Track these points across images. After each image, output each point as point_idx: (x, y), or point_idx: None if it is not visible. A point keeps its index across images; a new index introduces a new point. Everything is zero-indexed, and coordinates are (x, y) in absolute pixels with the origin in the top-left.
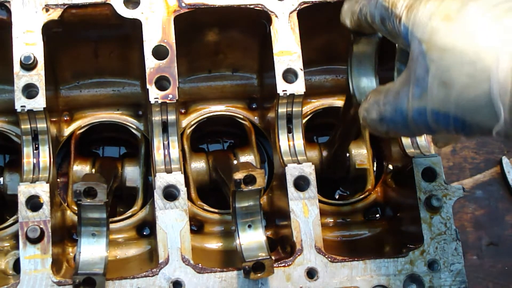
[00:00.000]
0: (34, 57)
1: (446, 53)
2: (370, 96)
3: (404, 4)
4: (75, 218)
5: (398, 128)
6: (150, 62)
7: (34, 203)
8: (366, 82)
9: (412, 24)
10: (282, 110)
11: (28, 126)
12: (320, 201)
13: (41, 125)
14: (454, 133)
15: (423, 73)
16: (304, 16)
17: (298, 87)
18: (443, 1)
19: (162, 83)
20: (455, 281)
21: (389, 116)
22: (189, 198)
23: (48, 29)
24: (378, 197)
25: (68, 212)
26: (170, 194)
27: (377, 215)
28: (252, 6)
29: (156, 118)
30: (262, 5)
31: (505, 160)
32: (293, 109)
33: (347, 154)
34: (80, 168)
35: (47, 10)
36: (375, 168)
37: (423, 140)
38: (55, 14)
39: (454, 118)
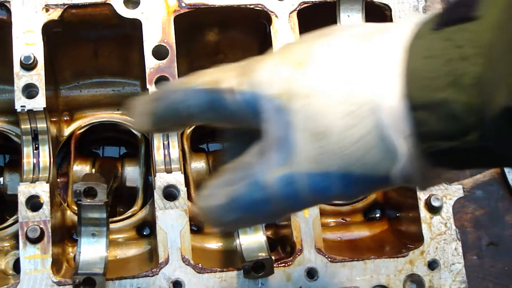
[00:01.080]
0: (34, 57)
1: (312, 97)
2: (210, 182)
3: (233, 74)
4: (75, 218)
5: (257, 209)
6: (150, 62)
7: (34, 203)
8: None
9: (254, 85)
10: None
11: (28, 126)
12: None
13: (41, 125)
14: (336, 199)
15: (284, 132)
16: (304, 16)
17: None
18: (282, 53)
19: (162, 83)
20: (455, 281)
21: (243, 195)
22: (189, 198)
23: (48, 29)
24: (378, 197)
25: (68, 212)
26: (170, 194)
27: (377, 215)
28: (252, 6)
29: None
30: (262, 5)
31: None
32: None
33: None
34: (80, 168)
35: (47, 10)
36: None
37: None
38: (55, 14)
39: (337, 176)
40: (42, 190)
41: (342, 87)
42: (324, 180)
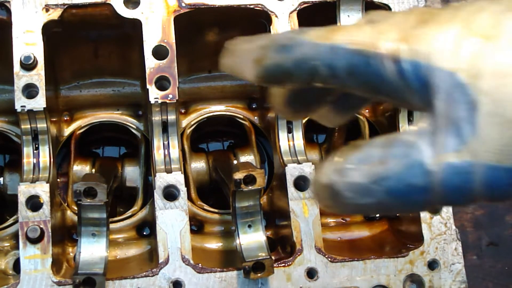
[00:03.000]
0: (34, 57)
1: (507, 78)
2: (346, 153)
3: (393, 37)
4: (75, 218)
5: (407, 196)
6: (150, 62)
7: (34, 203)
8: (353, 20)
9: (428, 55)
10: None
11: (28, 126)
12: None
13: (41, 125)
14: (507, 199)
15: (465, 113)
16: (304, 16)
17: None
18: (462, 22)
19: (162, 83)
20: (455, 281)
21: (395, 177)
22: (189, 198)
23: (48, 29)
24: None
25: (68, 212)
26: (170, 194)
27: (377, 215)
28: (252, 6)
29: (156, 118)
30: (262, 5)
31: None
32: None
33: None
34: (80, 168)
35: (47, 10)
36: None
37: None
38: (55, 14)
39: None
40: (42, 190)
41: None
42: (508, 176)
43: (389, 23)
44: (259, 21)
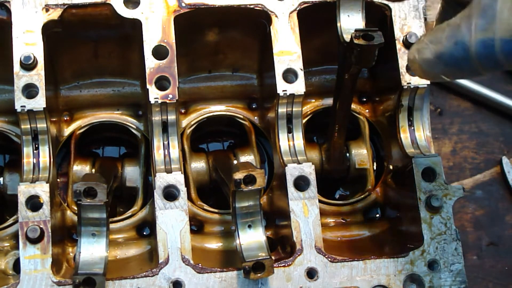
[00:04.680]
0: (34, 57)
1: None
2: (423, 36)
3: None
4: (75, 218)
5: (457, 66)
6: (150, 62)
7: (34, 203)
8: (353, 20)
9: None
10: (282, 110)
11: (28, 126)
12: (320, 201)
13: (41, 125)
14: None
15: (490, 1)
16: (304, 16)
17: (298, 87)
18: None
19: (162, 83)
20: (455, 281)
21: (447, 52)
22: (189, 198)
23: (48, 29)
24: (378, 197)
25: (68, 212)
26: (170, 194)
27: (377, 215)
28: (252, 6)
29: (156, 118)
30: (262, 5)
31: (505, 160)
32: (293, 109)
33: (347, 154)
34: (80, 168)
35: (47, 10)
36: (375, 168)
37: (423, 140)
38: (55, 14)
39: None
40: (42, 190)
41: None
42: None
43: None
44: (259, 21)
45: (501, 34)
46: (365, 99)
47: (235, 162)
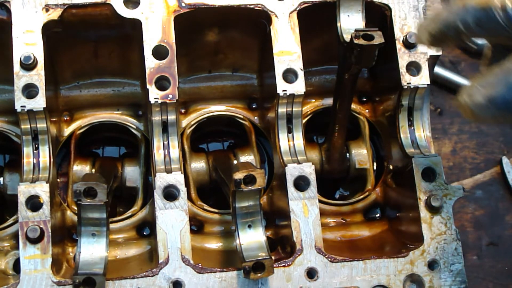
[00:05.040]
0: (34, 57)
1: None
2: (473, 80)
3: None
4: (75, 218)
5: (509, 110)
6: (150, 62)
7: (34, 203)
8: (353, 20)
9: None
10: (282, 110)
11: (28, 126)
12: (320, 201)
13: (41, 125)
14: None
15: None
16: (304, 16)
17: (298, 87)
18: None
19: (162, 83)
20: (455, 281)
21: (500, 96)
22: (189, 198)
23: (48, 29)
24: (378, 197)
25: (68, 212)
26: (170, 194)
27: (377, 215)
28: (252, 6)
29: (156, 118)
30: (262, 5)
31: (505, 160)
32: (293, 109)
33: (347, 154)
34: (80, 168)
35: (47, 10)
36: (375, 168)
37: (423, 140)
38: (55, 14)
39: None
40: (42, 190)
41: None
42: None
43: None
44: (259, 21)
45: None
46: (365, 99)
47: (235, 162)
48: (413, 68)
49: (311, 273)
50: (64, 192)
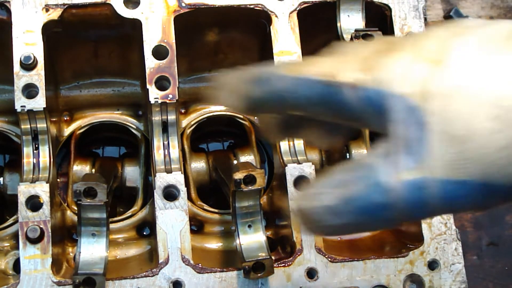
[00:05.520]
0: (34, 57)
1: (453, 98)
2: (317, 181)
3: (354, 67)
4: (75, 218)
5: (373, 215)
6: (150, 62)
7: (34, 203)
8: (353, 20)
9: (382, 82)
10: None
11: (28, 126)
12: None
13: (41, 125)
14: (466, 210)
15: (417, 133)
16: (304, 16)
17: None
18: (413, 49)
19: (162, 83)
20: (455, 281)
21: (362, 197)
22: (189, 198)
23: (48, 29)
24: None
25: (68, 212)
26: (170, 194)
27: None
28: (252, 6)
29: (156, 118)
30: (262, 5)
31: None
32: None
33: (347, 154)
34: (80, 168)
35: (47, 10)
36: None
37: None
38: (55, 14)
39: (476, 185)
40: (42, 190)
41: (488, 89)
42: (460, 188)
43: (350, 54)
44: (259, 21)
45: (437, 173)
46: None
47: (235, 162)
48: None
49: (311, 273)
50: (64, 192)
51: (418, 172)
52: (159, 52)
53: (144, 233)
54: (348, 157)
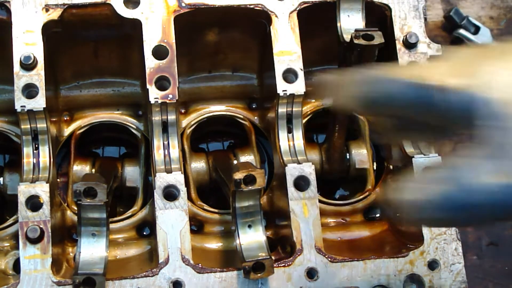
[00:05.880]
0: (34, 57)
1: None
2: (418, 176)
3: (445, 72)
4: (75, 218)
5: (468, 212)
6: (150, 62)
7: (34, 203)
8: (353, 20)
9: (473, 87)
10: (282, 110)
11: (28, 126)
12: (320, 201)
13: (41, 125)
14: None
15: (502, 139)
16: (304, 16)
17: (298, 87)
18: (502, 58)
19: (162, 83)
20: (455, 281)
21: (461, 196)
22: (189, 198)
23: (48, 29)
24: (378, 197)
25: (68, 212)
26: (170, 194)
27: (377, 215)
28: (252, 6)
29: (156, 118)
30: (262, 5)
31: None
32: (293, 109)
33: (347, 154)
34: (80, 168)
35: (47, 10)
36: (375, 168)
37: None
38: (55, 14)
39: None
40: (42, 190)
41: None
42: None
43: (442, 62)
44: (259, 21)
45: None
46: None
47: (235, 162)
48: None
49: (311, 273)
50: (64, 192)
51: (502, 176)
52: (159, 52)
53: (144, 233)
54: (348, 157)
